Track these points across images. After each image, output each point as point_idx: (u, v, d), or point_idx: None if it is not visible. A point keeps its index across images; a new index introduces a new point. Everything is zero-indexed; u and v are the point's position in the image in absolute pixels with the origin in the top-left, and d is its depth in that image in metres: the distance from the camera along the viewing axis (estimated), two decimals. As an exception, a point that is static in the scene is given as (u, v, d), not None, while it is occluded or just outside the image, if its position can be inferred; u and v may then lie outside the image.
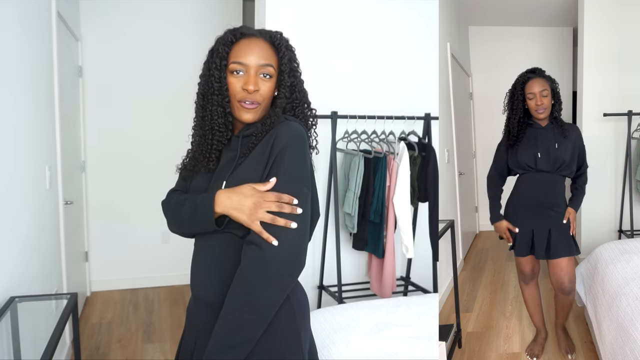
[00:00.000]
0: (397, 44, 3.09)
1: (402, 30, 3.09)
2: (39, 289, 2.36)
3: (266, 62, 1.25)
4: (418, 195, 2.88)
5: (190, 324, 1.38)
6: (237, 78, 1.25)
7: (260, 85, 1.25)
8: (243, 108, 1.25)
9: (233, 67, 1.25)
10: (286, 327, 1.25)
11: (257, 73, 1.25)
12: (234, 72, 1.25)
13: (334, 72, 2.97)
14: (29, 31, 2.32)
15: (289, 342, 1.26)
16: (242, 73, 1.25)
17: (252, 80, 1.23)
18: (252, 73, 1.24)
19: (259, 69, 1.25)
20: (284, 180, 1.18)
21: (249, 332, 1.15)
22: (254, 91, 1.23)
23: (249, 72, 1.24)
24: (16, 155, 2.07)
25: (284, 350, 1.24)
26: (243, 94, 1.24)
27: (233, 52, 1.26)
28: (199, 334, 1.30)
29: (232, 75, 1.25)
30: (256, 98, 1.24)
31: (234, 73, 1.25)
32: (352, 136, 2.90)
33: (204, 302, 1.28)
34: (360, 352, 1.86)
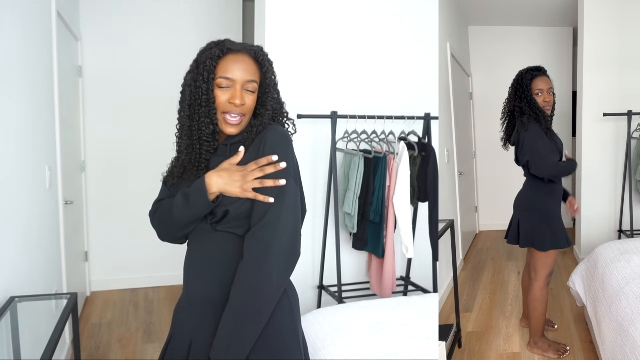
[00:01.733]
0: (397, 44, 3.09)
1: (402, 30, 3.09)
2: (39, 289, 2.36)
3: (251, 79, 1.33)
4: (418, 195, 2.88)
5: (181, 324, 1.39)
6: (223, 91, 1.31)
7: (246, 99, 1.32)
8: (227, 123, 1.32)
9: (220, 81, 1.31)
10: (285, 317, 1.33)
11: (243, 88, 1.32)
12: (220, 87, 1.31)
13: (334, 72, 2.97)
14: (29, 31, 2.32)
15: (288, 332, 1.34)
16: (228, 87, 1.31)
17: (239, 95, 1.30)
18: (239, 88, 1.31)
19: (244, 84, 1.32)
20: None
21: (255, 324, 1.22)
22: (240, 105, 1.30)
23: (236, 87, 1.31)
24: (16, 155, 2.07)
25: (285, 339, 1.33)
26: (229, 107, 1.31)
27: (220, 67, 1.32)
28: (195, 333, 1.33)
29: (219, 89, 1.31)
30: (242, 111, 1.32)
31: (220, 87, 1.31)
32: (352, 136, 2.90)
33: (202, 301, 1.32)
34: (360, 352, 1.86)
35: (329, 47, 2.95)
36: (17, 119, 2.10)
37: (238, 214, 1.29)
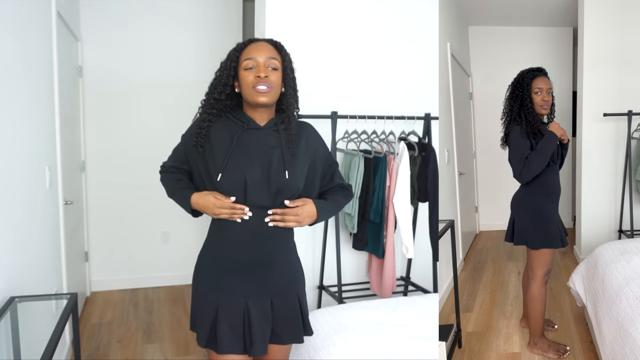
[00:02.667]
0: (397, 44, 3.09)
1: (402, 30, 3.09)
2: (39, 289, 2.36)
3: (272, 56, 1.58)
4: (418, 195, 2.88)
5: (232, 291, 1.61)
6: (250, 72, 1.56)
7: (270, 74, 1.56)
8: (257, 92, 1.55)
9: (246, 63, 1.57)
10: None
11: (266, 65, 1.56)
12: (247, 68, 1.56)
13: (334, 72, 2.97)
14: (29, 31, 2.32)
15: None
16: (253, 68, 1.56)
17: (263, 70, 1.55)
18: (262, 65, 1.56)
19: (267, 61, 1.57)
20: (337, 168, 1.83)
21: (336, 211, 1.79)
22: (265, 77, 1.54)
23: (259, 64, 1.56)
24: (16, 155, 2.07)
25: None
26: (256, 80, 1.55)
27: (244, 53, 1.59)
28: (248, 297, 1.61)
29: (246, 71, 1.57)
30: (268, 81, 1.55)
31: (247, 70, 1.57)
32: (352, 136, 2.90)
33: (257, 265, 1.61)
34: (360, 352, 1.86)
35: (329, 47, 2.95)
36: (17, 119, 2.10)
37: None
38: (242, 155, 1.58)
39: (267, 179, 1.56)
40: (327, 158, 1.76)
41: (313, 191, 1.70)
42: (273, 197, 1.57)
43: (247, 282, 1.61)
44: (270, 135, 1.62)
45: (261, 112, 1.62)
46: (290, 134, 1.62)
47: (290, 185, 1.58)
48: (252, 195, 1.56)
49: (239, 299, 1.60)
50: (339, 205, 1.76)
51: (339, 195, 1.77)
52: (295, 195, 1.61)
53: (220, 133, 1.61)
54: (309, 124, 1.73)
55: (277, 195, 1.58)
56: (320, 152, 1.73)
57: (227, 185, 1.55)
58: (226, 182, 1.55)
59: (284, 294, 1.66)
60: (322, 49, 2.94)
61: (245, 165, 1.56)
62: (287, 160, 1.59)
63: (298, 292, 1.70)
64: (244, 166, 1.56)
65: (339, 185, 1.79)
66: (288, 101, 1.63)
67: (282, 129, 1.63)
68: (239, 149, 1.58)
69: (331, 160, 1.78)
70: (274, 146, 1.60)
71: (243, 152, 1.58)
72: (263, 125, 1.63)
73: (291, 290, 1.68)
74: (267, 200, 1.57)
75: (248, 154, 1.58)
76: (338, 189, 1.78)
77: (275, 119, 1.65)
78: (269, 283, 1.63)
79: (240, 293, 1.60)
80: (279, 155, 1.59)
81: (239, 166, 1.56)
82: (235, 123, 1.63)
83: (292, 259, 1.71)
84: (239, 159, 1.57)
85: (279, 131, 1.63)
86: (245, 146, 1.59)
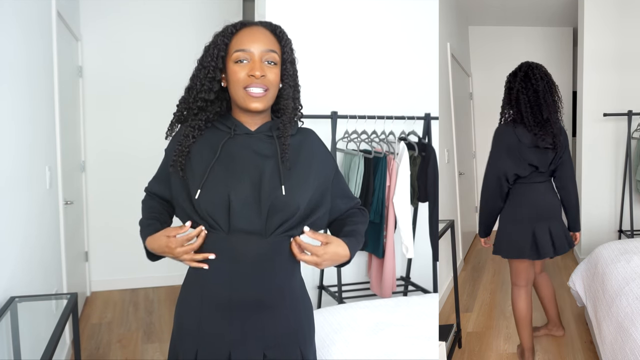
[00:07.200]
0: (397, 44, 3.09)
1: (402, 30, 3.09)
2: (39, 289, 2.36)
3: (270, 48, 1.24)
4: (418, 195, 2.88)
5: (213, 336, 1.27)
6: (241, 66, 1.23)
7: (267, 72, 1.23)
8: (250, 97, 1.23)
9: (237, 55, 1.23)
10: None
11: (262, 59, 1.24)
12: (238, 61, 1.23)
13: (334, 72, 2.98)
14: (29, 31, 2.32)
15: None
16: (246, 61, 1.23)
17: (258, 66, 1.22)
18: (257, 59, 1.23)
19: (263, 54, 1.24)
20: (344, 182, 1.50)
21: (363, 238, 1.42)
22: (261, 77, 1.22)
23: (254, 58, 1.23)
24: (16, 155, 2.07)
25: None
26: (249, 79, 1.22)
27: (234, 42, 1.25)
28: (232, 347, 1.26)
29: (236, 64, 1.24)
30: (265, 82, 1.23)
31: (237, 62, 1.24)
32: (352, 136, 2.90)
33: (245, 307, 1.25)
34: (360, 352, 1.86)
35: (329, 47, 2.95)
36: (17, 119, 2.10)
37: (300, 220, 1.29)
38: (226, 168, 1.25)
39: (257, 196, 1.22)
40: (336, 172, 1.42)
41: (326, 216, 1.37)
42: (265, 219, 1.22)
43: (232, 328, 1.26)
44: (262, 142, 1.29)
45: (252, 115, 1.30)
46: (286, 143, 1.28)
47: (288, 204, 1.23)
48: (238, 217, 1.21)
49: (220, 347, 1.26)
50: (363, 238, 1.42)
51: (360, 223, 1.42)
52: (293, 217, 1.25)
53: (201, 143, 1.30)
54: (313, 131, 1.42)
55: (270, 217, 1.22)
56: (329, 165, 1.39)
57: (205, 205, 1.22)
58: (204, 202, 1.22)
59: (281, 347, 1.28)
60: (322, 49, 2.94)
61: (230, 180, 1.23)
62: (283, 173, 1.25)
63: (302, 347, 1.32)
64: (229, 181, 1.23)
65: (356, 206, 1.47)
66: (285, 101, 1.30)
67: (278, 135, 1.29)
68: (223, 160, 1.26)
69: (339, 174, 1.45)
70: (268, 156, 1.27)
71: (228, 163, 1.25)
72: (254, 130, 1.30)
73: (292, 343, 1.30)
74: (256, 224, 1.22)
75: (234, 166, 1.25)
76: (357, 212, 1.46)
77: (270, 123, 1.32)
78: (261, 331, 1.26)
79: (222, 341, 1.26)
80: (273, 166, 1.26)
81: (222, 181, 1.23)
82: (218, 129, 1.31)
83: (294, 300, 1.32)
84: (222, 173, 1.24)
85: (273, 137, 1.29)
86: (231, 156, 1.26)
